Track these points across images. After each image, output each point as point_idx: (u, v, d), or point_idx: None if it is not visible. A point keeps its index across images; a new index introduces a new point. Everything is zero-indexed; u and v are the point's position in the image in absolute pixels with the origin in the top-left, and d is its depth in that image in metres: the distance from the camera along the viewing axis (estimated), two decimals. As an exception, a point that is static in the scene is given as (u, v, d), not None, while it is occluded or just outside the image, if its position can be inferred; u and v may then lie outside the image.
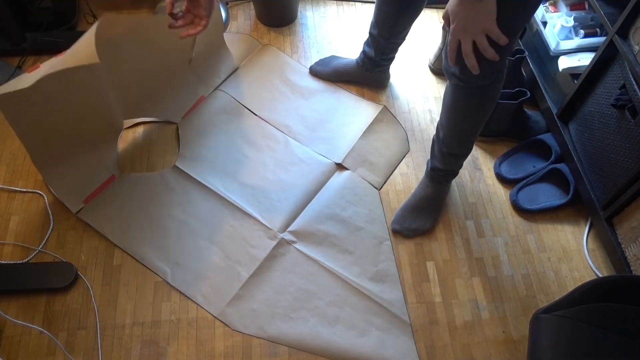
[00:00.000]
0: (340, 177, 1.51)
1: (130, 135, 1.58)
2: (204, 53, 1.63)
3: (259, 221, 1.41)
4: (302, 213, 1.43)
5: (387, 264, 1.39)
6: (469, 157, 1.58)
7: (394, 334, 1.29)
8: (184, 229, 1.40)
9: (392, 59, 1.64)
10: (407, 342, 1.28)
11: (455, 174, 1.43)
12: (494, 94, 1.18)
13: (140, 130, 1.60)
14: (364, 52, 1.63)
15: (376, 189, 1.52)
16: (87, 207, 1.42)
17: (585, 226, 1.47)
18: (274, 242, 1.38)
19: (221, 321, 1.29)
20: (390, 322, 1.30)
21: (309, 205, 1.45)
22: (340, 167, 1.54)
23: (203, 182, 1.46)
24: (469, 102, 1.19)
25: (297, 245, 1.38)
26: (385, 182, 1.54)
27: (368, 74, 1.67)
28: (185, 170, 1.48)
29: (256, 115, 1.59)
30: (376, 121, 1.64)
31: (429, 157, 1.43)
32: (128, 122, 1.58)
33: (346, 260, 1.38)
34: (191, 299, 1.31)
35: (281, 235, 1.39)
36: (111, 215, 1.41)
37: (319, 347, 1.26)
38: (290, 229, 1.40)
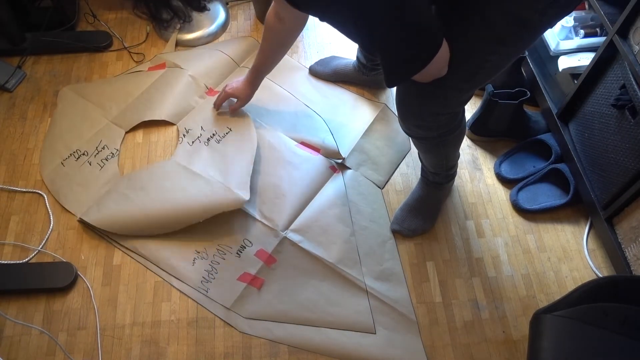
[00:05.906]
0: (343, 176, 1.51)
1: (130, 137, 1.58)
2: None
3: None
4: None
5: (392, 262, 1.38)
6: (469, 157, 1.58)
7: (401, 332, 1.29)
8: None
9: None
10: (414, 341, 1.28)
11: (445, 182, 1.43)
12: (449, 141, 1.23)
13: (140, 131, 1.60)
14: (357, 57, 1.64)
15: (379, 187, 1.52)
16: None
17: (585, 226, 1.47)
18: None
19: (227, 323, 1.29)
20: (397, 321, 1.30)
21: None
22: (342, 166, 1.53)
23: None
24: (427, 145, 1.26)
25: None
26: (387, 181, 1.54)
27: (365, 77, 1.67)
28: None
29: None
30: (377, 120, 1.64)
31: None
32: (129, 125, 1.59)
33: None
34: (196, 301, 1.31)
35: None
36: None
37: (327, 347, 1.26)
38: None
